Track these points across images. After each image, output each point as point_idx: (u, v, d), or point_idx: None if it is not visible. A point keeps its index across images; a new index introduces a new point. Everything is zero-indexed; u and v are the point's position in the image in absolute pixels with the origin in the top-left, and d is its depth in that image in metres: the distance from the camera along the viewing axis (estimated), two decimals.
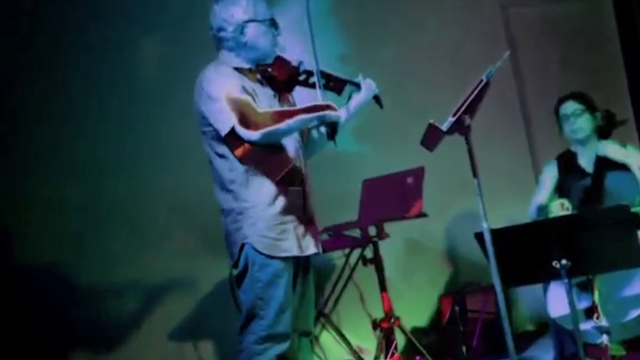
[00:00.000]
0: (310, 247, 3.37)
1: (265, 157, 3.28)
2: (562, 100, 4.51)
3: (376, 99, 3.49)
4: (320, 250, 3.43)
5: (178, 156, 5.00)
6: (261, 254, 3.24)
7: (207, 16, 3.44)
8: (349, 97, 3.46)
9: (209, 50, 3.51)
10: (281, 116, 3.21)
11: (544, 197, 4.49)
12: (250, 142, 3.20)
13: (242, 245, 3.27)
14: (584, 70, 6.08)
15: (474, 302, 5.29)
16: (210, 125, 3.28)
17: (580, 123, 4.41)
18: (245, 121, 3.16)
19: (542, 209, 4.40)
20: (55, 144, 4.95)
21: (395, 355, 4.77)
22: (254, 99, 3.27)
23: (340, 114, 3.27)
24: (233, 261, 3.34)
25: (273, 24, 3.41)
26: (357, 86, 3.45)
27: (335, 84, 3.38)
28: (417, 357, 4.98)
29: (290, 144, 3.38)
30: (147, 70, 5.23)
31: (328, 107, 3.23)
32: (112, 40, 5.10)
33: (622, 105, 5.94)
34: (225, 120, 3.19)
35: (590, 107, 4.45)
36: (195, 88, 3.33)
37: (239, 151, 3.25)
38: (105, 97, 5.03)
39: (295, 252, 3.29)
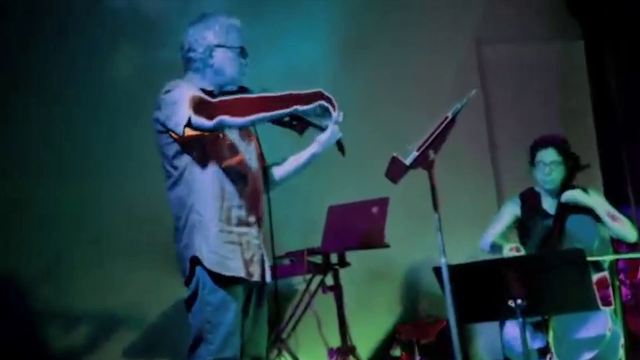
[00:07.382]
0: (256, 275, 3.33)
1: (228, 174, 3.29)
2: (543, 145, 4.41)
3: (339, 144, 3.47)
4: (268, 280, 3.39)
5: (144, 166, 4.98)
6: (211, 273, 3.21)
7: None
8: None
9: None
10: (242, 105, 3.20)
11: (498, 230, 4.50)
12: (207, 130, 3.17)
13: (193, 262, 3.24)
14: (554, 109, 6.15)
15: None
16: (169, 137, 3.25)
17: (554, 175, 4.37)
18: (200, 111, 3.14)
19: (496, 247, 4.42)
20: (19, 147, 4.96)
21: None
22: None
23: (309, 108, 3.19)
24: (184, 278, 3.31)
25: (242, 52, 3.44)
26: (322, 130, 3.44)
27: (298, 123, 3.35)
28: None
29: (251, 170, 3.38)
30: (116, 76, 5.22)
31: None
32: (82, 44, 5.11)
33: (589, 146, 6.01)
34: (182, 115, 3.15)
35: (567, 159, 4.39)
36: (155, 104, 3.30)
37: (200, 157, 3.24)
38: (72, 104, 5.05)
39: (242, 274, 3.27)
